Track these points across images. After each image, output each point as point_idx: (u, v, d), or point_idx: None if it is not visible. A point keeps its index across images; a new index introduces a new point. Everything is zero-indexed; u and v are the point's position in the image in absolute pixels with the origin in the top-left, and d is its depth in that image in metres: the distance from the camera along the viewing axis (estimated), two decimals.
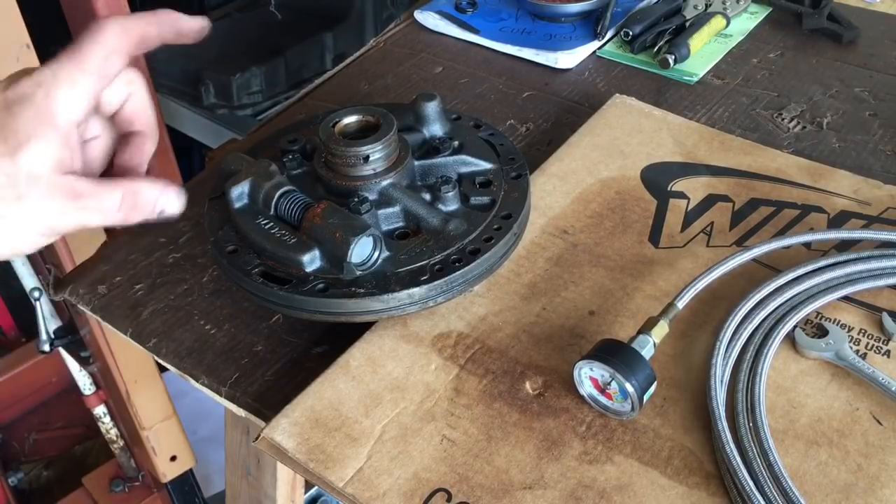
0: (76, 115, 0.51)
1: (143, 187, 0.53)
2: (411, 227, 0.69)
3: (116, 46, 0.52)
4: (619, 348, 0.60)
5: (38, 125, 0.49)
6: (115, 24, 0.51)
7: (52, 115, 0.49)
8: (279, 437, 0.61)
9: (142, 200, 0.53)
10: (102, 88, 0.53)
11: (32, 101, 0.49)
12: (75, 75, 0.50)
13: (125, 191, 0.52)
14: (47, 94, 0.49)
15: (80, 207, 0.50)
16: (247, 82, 1.67)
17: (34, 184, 0.48)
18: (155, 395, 1.43)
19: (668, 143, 0.85)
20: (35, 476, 1.77)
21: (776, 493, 0.54)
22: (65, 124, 0.50)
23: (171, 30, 0.54)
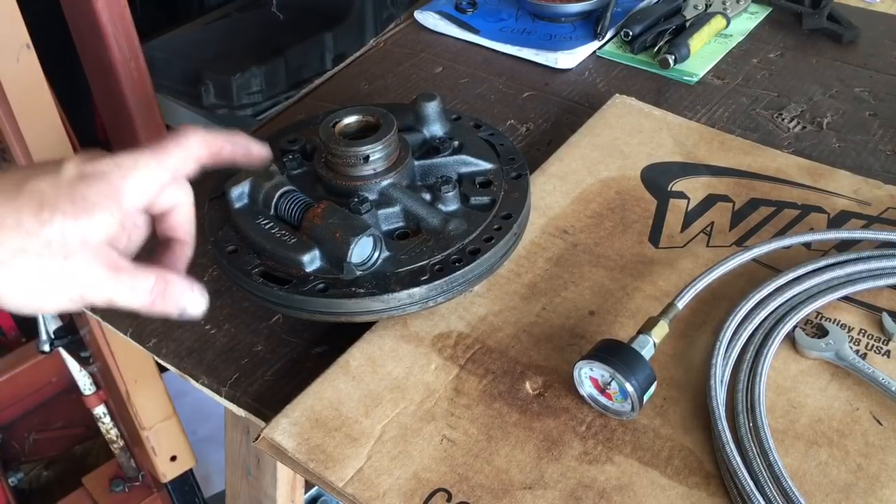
0: (141, 201, 0.54)
1: (175, 279, 0.56)
2: (411, 227, 0.69)
3: (195, 154, 0.56)
4: (619, 348, 0.60)
5: (107, 199, 0.52)
6: (199, 135, 0.56)
7: (121, 194, 0.52)
8: (279, 437, 0.61)
9: (171, 290, 0.55)
10: (169, 185, 0.56)
11: (108, 178, 0.52)
12: (152, 166, 0.54)
13: (158, 277, 0.54)
14: (123, 176, 0.53)
15: (116, 281, 0.53)
16: (247, 82, 1.67)
17: (84, 248, 0.51)
18: (155, 395, 1.43)
19: (668, 143, 0.85)
20: (35, 476, 1.77)
21: (776, 493, 0.54)
22: (129, 206, 0.53)
23: (243, 152, 0.59)
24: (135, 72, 1.32)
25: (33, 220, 0.50)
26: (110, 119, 1.44)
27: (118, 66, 1.30)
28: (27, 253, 0.49)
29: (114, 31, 1.26)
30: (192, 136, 0.56)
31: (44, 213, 0.50)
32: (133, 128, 1.38)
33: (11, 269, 0.49)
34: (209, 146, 0.57)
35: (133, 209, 0.54)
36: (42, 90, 1.12)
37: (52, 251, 0.50)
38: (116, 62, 1.29)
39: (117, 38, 1.27)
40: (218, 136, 0.58)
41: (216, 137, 0.58)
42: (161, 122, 1.42)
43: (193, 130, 0.57)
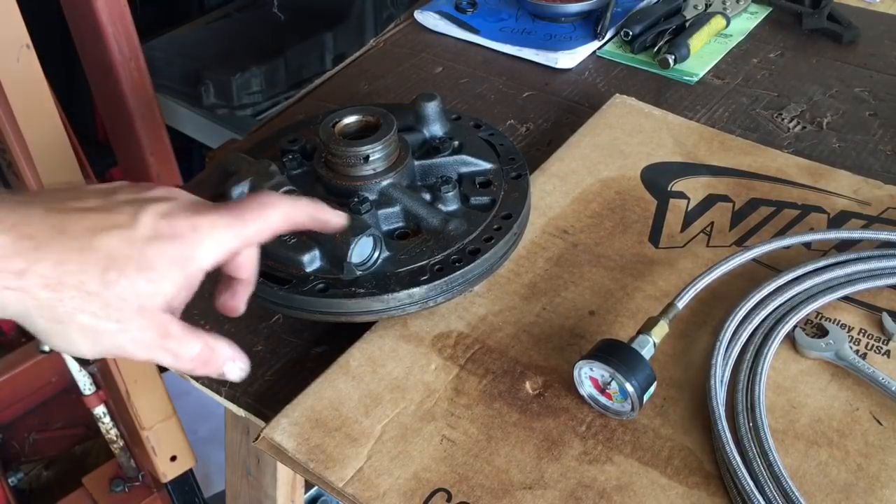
0: (209, 266, 0.53)
1: (220, 346, 0.55)
2: (411, 227, 0.69)
3: (274, 227, 0.55)
4: (619, 348, 0.60)
5: (175, 266, 0.51)
6: (282, 209, 0.55)
7: (190, 262, 0.51)
8: (279, 437, 0.61)
9: (215, 358, 0.55)
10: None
11: (181, 244, 0.51)
12: (228, 237, 0.53)
13: (204, 345, 0.54)
14: (197, 242, 0.51)
15: (162, 347, 0.52)
16: (247, 82, 1.67)
17: (140, 315, 0.50)
18: (155, 395, 1.43)
19: (668, 143, 0.85)
20: (35, 476, 1.77)
21: (776, 493, 0.54)
22: (197, 271, 0.52)
23: (321, 222, 0.58)
24: (135, 72, 1.32)
25: (97, 281, 0.49)
26: (110, 119, 1.44)
27: (118, 66, 1.30)
28: (84, 312, 0.49)
29: (114, 31, 1.26)
30: (276, 209, 0.55)
31: (109, 275, 0.49)
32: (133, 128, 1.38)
33: (63, 325, 0.49)
34: (288, 221, 0.56)
35: (201, 273, 0.53)
36: (42, 90, 1.12)
37: (108, 313, 0.49)
38: (116, 62, 1.29)
39: (117, 38, 1.27)
40: (300, 208, 0.57)
41: (298, 212, 0.57)
42: (161, 122, 1.42)
43: (278, 201, 0.55)
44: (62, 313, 0.48)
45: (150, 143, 1.40)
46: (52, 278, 0.48)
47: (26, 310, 0.48)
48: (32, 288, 0.48)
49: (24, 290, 0.47)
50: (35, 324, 0.49)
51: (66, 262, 0.48)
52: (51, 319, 0.49)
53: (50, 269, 0.48)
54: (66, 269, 0.48)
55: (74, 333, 0.49)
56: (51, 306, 0.48)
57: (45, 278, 0.48)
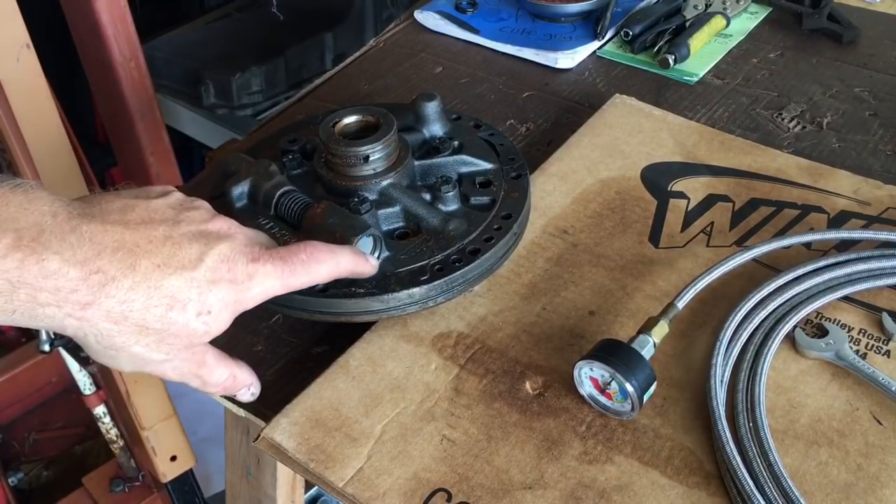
0: (251, 307, 0.56)
1: (242, 374, 0.60)
2: (411, 227, 0.69)
3: (317, 280, 0.59)
4: (619, 348, 0.60)
5: (227, 310, 0.54)
6: (330, 266, 0.59)
7: (240, 304, 0.55)
8: (279, 437, 0.61)
9: (235, 385, 0.60)
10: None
11: (235, 290, 0.54)
12: (276, 284, 0.56)
13: (230, 373, 0.59)
14: (249, 290, 0.55)
15: (195, 375, 0.56)
16: (247, 82, 1.67)
17: (187, 349, 0.54)
18: (155, 395, 1.43)
19: (668, 143, 0.85)
20: (35, 476, 1.77)
21: (776, 493, 0.54)
22: (241, 311, 0.56)
23: (358, 274, 0.62)
24: (135, 72, 1.32)
25: (159, 321, 0.52)
26: (110, 119, 1.44)
27: (118, 66, 1.30)
28: (138, 344, 0.52)
29: (114, 31, 1.26)
30: (323, 265, 0.58)
31: (171, 315, 0.52)
32: (133, 128, 1.38)
33: (116, 351, 0.52)
34: (332, 276, 0.60)
35: (243, 311, 0.56)
36: (42, 90, 1.12)
37: (160, 347, 0.53)
38: (116, 62, 1.30)
39: (117, 38, 1.27)
40: (343, 264, 0.60)
41: (341, 268, 0.60)
42: (161, 122, 1.42)
43: (327, 257, 0.58)
44: (119, 342, 0.51)
45: (150, 143, 1.40)
46: (116, 312, 0.50)
47: (84, 336, 0.51)
48: (95, 319, 0.50)
49: (86, 319, 0.50)
50: (88, 346, 0.52)
51: (132, 300, 0.51)
52: (106, 345, 0.52)
53: (116, 304, 0.50)
54: (131, 307, 0.51)
55: (123, 359, 0.53)
56: (109, 336, 0.51)
57: (110, 312, 0.50)
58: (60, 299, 0.48)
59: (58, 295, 0.48)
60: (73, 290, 0.49)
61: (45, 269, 0.48)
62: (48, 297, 0.48)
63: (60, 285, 0.48)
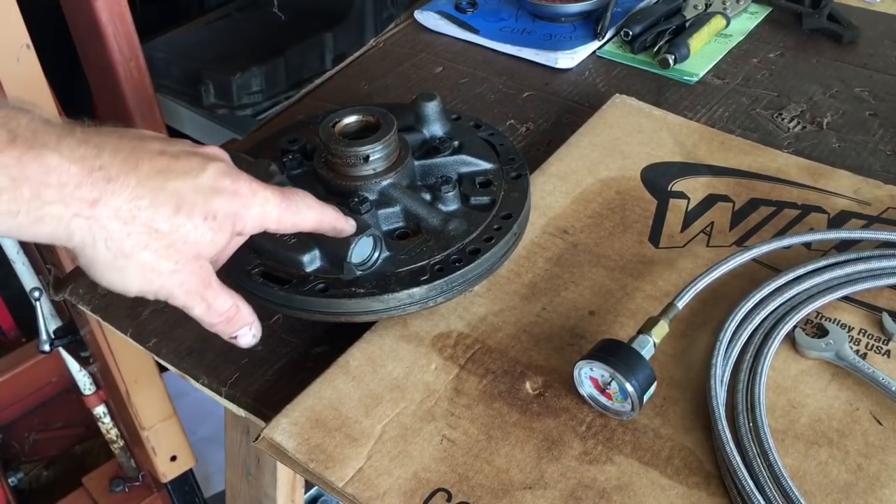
0: (249, 232, 0.56)
1: (245, 308, 0.58)
2: (411, 227, 0.69)
3: (304, 225, 0.59)
4: (619, 348, 0.60)
5: (229, 220, 0.54)
6: (317, 214, 0.60)
7: (242, 220, 0.55)
8: (279, 437, 0.61)
9: (238, 317, 0.58)
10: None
11: (238, 200, 0.54)
12: (273, 211, 0.56)
13: (234, 303, 0.57)
14: (249, 206, 0.55)
15: (201, 296, 0.55)
16: (247, 82, 1.67)
17: (194, 260, 0.53)
18: (155, 395, 1.43)
19: (668, 143, 0.85)
20: (35, 476, 1.77)
21: (776, 493, 0.54)
22: (240, 232, 0.55)
23: (338, 231, 0.63)
24: (135, 72, 1.32)
25: (167, 221, 0.51)
26: (110, 119, 1.44)
27: (118, 66, 1.30)
28: (147, 248, 0.51)
29: (114, 31, 1.26)
30: (313, 210, 0.59)
31: (178, 217, 0.51)
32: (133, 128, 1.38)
33: (126, 260, 0.50)
34: (318, 225, 0.60)
35: (238, 234, 0.56)
36: (42, 90, 1.12)
37: (168, 253, 0.51)
38: (116, 62, 1.29)
39: (117, 38, 1.27)
40: (328, 218, 0.61)
41: (326, 220, 0.61)
42: (161, 122, 1.42)
43: (316, 204, 0.60)
44: (127, 247, 0.50)
45: None
46: (124, 211, 0.49)
47: (93, 240, 0.49)
48: (104, 219, 0.49)
49: (95, 219, 0.48)
50: (98, 256, 0.50)
51: (140, 197, 0.50)
52: (115, 252, 0.50)
53: (123, 202, 0.49)
54: (139, 205, 0.50)
55: (132, 270, 0.51)
56: (119, 238, 0.49)
57: (118, 210, 0.49)
58: (66, 195, 0.47)
59: (63, 191, 0.47)
60: (77, 186, 0.47)
61: (44, 164, 0.46)
62: (53, 193, 0.47)
63: (64, 180, 0.47)
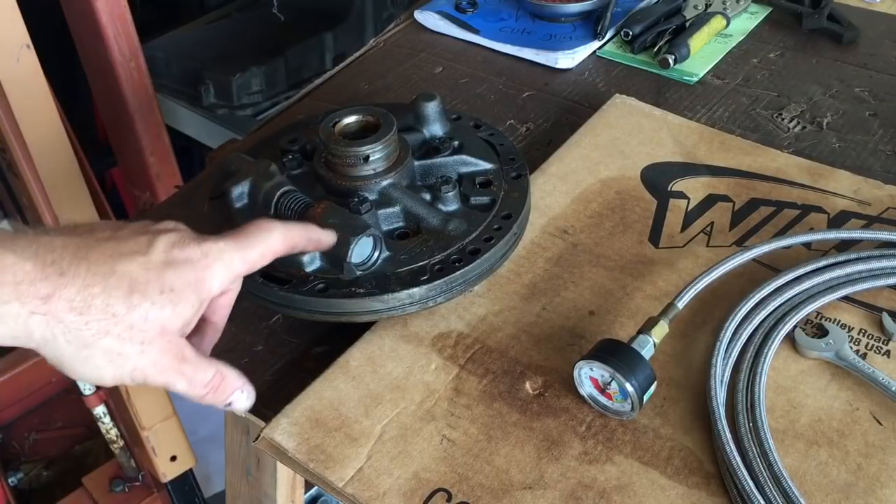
0: (219, 290, 0.55)
1: (231, 374, 0.57)
2: (411, 227, 0.69)
3: (274, 250, 0.58)
4: (619, 348, 0.60)
5: (190, 289, 0.53)
6: (281, 231, 0.58)
7: (203, 285, 0.54)
8: (279, 437, 0.61)
9: (225, 385, 0.57)
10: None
11: (194, 268, 0.54)
12: (236, 260, 0.56)
13: (217, 371, 0.56)
14: (207, 267, 0.54)
15: (178, 371, 0.54)
16: (247, 82, 1.67)
17: (161, 336, 0.52)
18: (155, 395, 1.43)
19: (668, 143, 0.85)
20: (35, 476, 1.77)
21: (776, 493, 0.54)
22: (208, 296, 0.55)
23: (314, 241, 0.62)
24: (135, 72, 1.32)
25: (122, 304, 0.50)
26: (110, 119, 1.44)
27: (118, 66, 1.30)
28: (108, 335, 0.50)
29: (114, 31, 1.26)
30: (274, 232, 0.58)
31: (133, 298, 0.51)
32: (133, 128, 1.38)
33: (89, 350, 0.50)
34: (287, 243, 0.59)
35: (211, 297, 0.55)
36: (42, 90, 1.12)
37: (132, 335, 0.51)
38: (116, 62, 1.29)
39: (117, 38, 1.27)
40: (295, 230, 0.60)
41: (294, 232, 0.60)
42: (161, 121, 1.42)
43: (274, 226, 0.59)
44: (88, 337, 0.50)
45: (150, 143, 1.40)
46: (78, 302, 0.49)
47: (53, 336, 0.50)
48: (59, 312, 0.49)
49: (51, 314, 0.49)
50: (60, 350, 0.50)
51: (91, 286, 0.50)
52: (77, 344, 0.50)
53: (76, 293, 0.49)
54: (91, 293, 0.50)
55: (99, 358, 0.51)
56: (77, 329, 0.50)
57: (72, 302, 0.49)
58: (21, 293, 0.48)
59: (18, 289, 0.48)
60: (31, 282, 0.48)
61: (1, 262, 0.47)
62: (9, 292, 0.47)
63: (20, 278, 0.48)
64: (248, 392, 0.58)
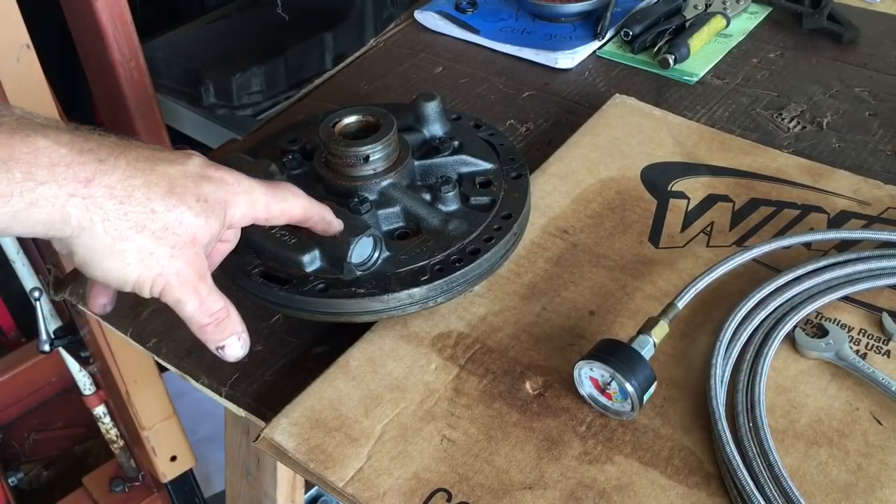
0: (239, 220, 0.56)
1: (236, 315, 0.57)
2: (411, 227, 0.69)
3: (293, 213, 0.59)
4: (619, 348, 0.60)
5: (220, 207, 0.53)
6: (305, 199, 0.60)
7: (231, 207, 0.55)
8: (279, 437, 0.61)
9: (228, 323, 0.56)
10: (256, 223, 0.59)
11: (226, 188, 0.54)
12: (260, 201, 0.57)
13: (226, 305, 0.56)
14: (236, 193, 0.55)
15: (195, 289, 0.53)
16: (247, 82, 1.67)
17: (190, 245, 0.52)
18: (155, 395, 1.43)
19: (668, 143, 0.85)
20: (35, 476, 1.77)
21: (776, 493, 0.54)
22: (230, 221, 0.55)
23: (327, 223, 0.63)
24: (135, 72, 1.32)
25: (161, 202, 0.50)
26: (110, 119, 1.44)
27: (118, 66, 1.30)
28: (145, 231, 0.50)
29: (114, 31, 1.26)
30: (299, 198, 0.60)
31: (171, 199, 0.50)
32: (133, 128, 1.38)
33: (124, 244, 0.49)
34: (305, 213, 0.60)
35: (228, 226, 0.55)
36: (42, 90, 1.12)
37: (165, 236, 0.50)
38: (116, 62, 1.29)
39: (117, 38, 1.27)
40: (315, 205, 0.61)
41: (314, 208, 0.61)
42: (161, 121, 1.42)
43: (301, 193, 0.60)
44: (125, 229, 0.49)
45: (150, 143, 1.39)
46: (119, 190, 0.48)
47: (91, 222, 0.48)
48: (99, 198, 0.48)
49: (91, 198, 0.48)
50: (95, 240, 0.49)
51: (132, 177, 0.49)
52: (114, 235, 0.49)
53: (116, 181, 0.48)
54: (132, 184, 0.49)
55: (131, 255, 0.50)
56: (116, 218, 0.49)
57: (112, 189, 0.48)
58: (58, 175, 0.46)
59: (55, 171, 0.46)
60: (68, 165, 0.47)
61: (33, 145, 0.46)
62: (45, 173, 0.46)
63: (55, 161, 0.46)
64: (245, 341, 0.57)
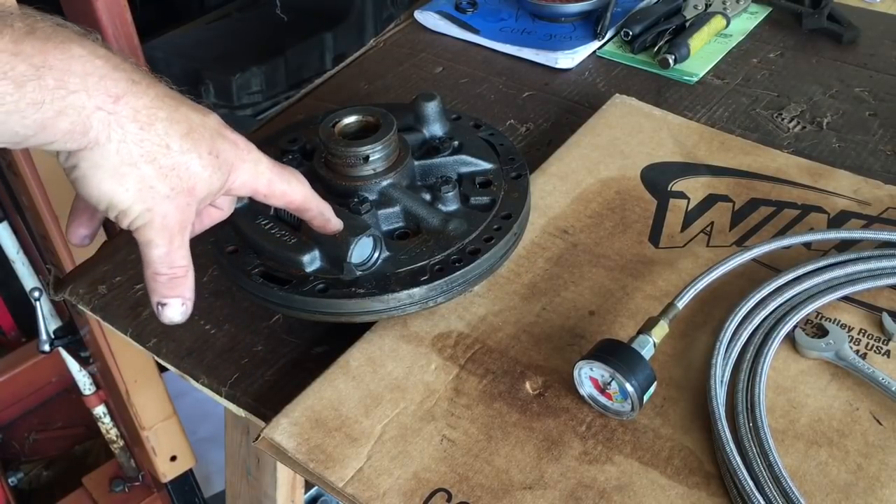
0: (238, 188, 0.56)
1: (191, 281, 0.56)
2: (411, 227, 0.69)
3: (292, 198, 0.60)
4: (619, 348, 0.60)
5: (226, 166, 0.54)
6: (308, 189, 0.61)
7: (235, 171, 0.55)
8: (279, 437, 0.61)
9: (181, 282, 0.55)
10: (255, 198, 0.59)
11: (237, 150, 0.55)
12: (264, 176, 0.57)
13: (188, 266, 0.55)
14: (244, 160, 0.55)
15: (171, 237, 0.53)
16: (247, 82, 1.67)
17: (187, 195, 0.52)
18: (155, 395, 1.43)
19: (668, 143, 0.85)
20: (35, 476, 1.77)
21: (776, 493, 0.54)
22: (230, 185, 0.55)
23: (325, 219, 0.63)
24: None
25: (177, 141, 0.50)
26: None
27: None
28: (153, 163, 0.50)
29: (114, 30, 1.26)
30: (303, 185, 0.60)
31: (187, 142, 0.51)
32: None
33: (130, 169, 0.49)
34: (305, 202, 0.61)
35: (227, 190, 0.55)
36: None
37: (169, 175, 0.51)
38: None
39: (117, 38, 1.27)
40: (317, 197, 0.62)
41: (315, 199, 0.62)
42: None
43: (305, 181, 0.60)
44: (136, 155, 0.49)
45: None
46: (143, 115, 0.49)
47: (108, 139, 0.48)
48: (123, 118, 0.48)
49: (115, 115, 0.48)
50: (104, 159, 0.49)
51: (158, 108, 0.49)
52: (124, 156, 0.49)
53: (143, 106, 0.49)
54: (157, 115, 0.49)
55: (132, 181, 0.50)
56: (133, 142, 0.49)
57: (137, 113, 0.48)
58: (90, 86, 0.46)
59: (87, 81, 0.46)
60: (102, 77, 0.47)
61: (68, 52, 0.46)
62: (77, 82, 0.46)
63: (89, 70, 0.46)
64: (187, 308, 0.56)
